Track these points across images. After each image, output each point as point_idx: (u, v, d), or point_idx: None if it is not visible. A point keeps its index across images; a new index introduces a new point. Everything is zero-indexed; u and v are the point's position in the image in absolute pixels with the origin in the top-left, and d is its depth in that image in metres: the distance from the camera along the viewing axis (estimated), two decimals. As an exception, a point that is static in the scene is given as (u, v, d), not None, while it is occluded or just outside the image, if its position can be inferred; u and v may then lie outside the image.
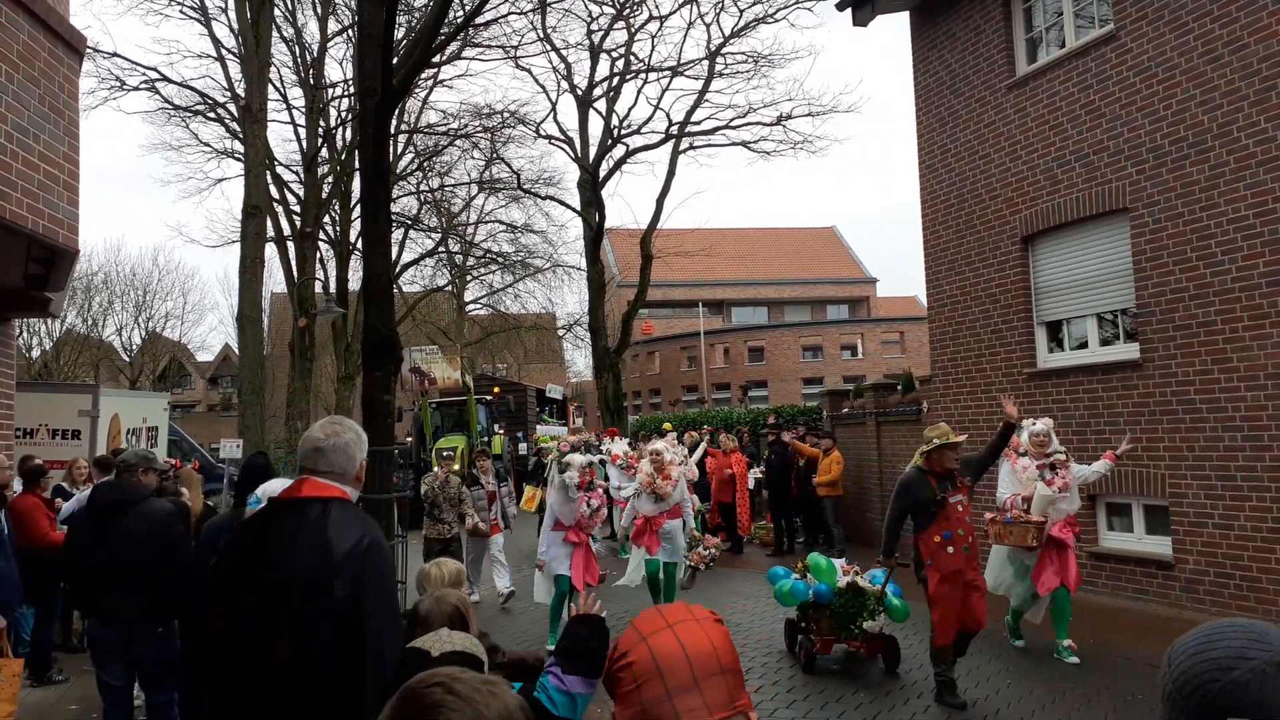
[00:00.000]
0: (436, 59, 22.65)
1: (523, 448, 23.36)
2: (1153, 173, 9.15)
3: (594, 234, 26.55)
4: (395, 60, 8.99)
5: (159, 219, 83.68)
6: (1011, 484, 7.74)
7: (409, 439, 22.70)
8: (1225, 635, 1.27)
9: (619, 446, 13.63)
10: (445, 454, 21.49)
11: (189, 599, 5.26)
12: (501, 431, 23.30)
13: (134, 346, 44.73)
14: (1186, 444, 8.83)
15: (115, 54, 25.44)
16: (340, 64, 30.07)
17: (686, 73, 26.15)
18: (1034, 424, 7.82)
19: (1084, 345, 10.31)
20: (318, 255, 27.87)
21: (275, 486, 4.00)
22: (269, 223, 24.97)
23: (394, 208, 25.21)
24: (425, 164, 29.93)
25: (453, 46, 23.67)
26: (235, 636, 2.48)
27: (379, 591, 2.51)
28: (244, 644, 2.45)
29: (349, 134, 26.25)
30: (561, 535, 8.32)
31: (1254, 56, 8.19)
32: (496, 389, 26.05)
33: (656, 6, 34.04)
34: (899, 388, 13.79)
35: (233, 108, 25.51)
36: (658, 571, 8.74)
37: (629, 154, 27.12)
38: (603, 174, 26.61)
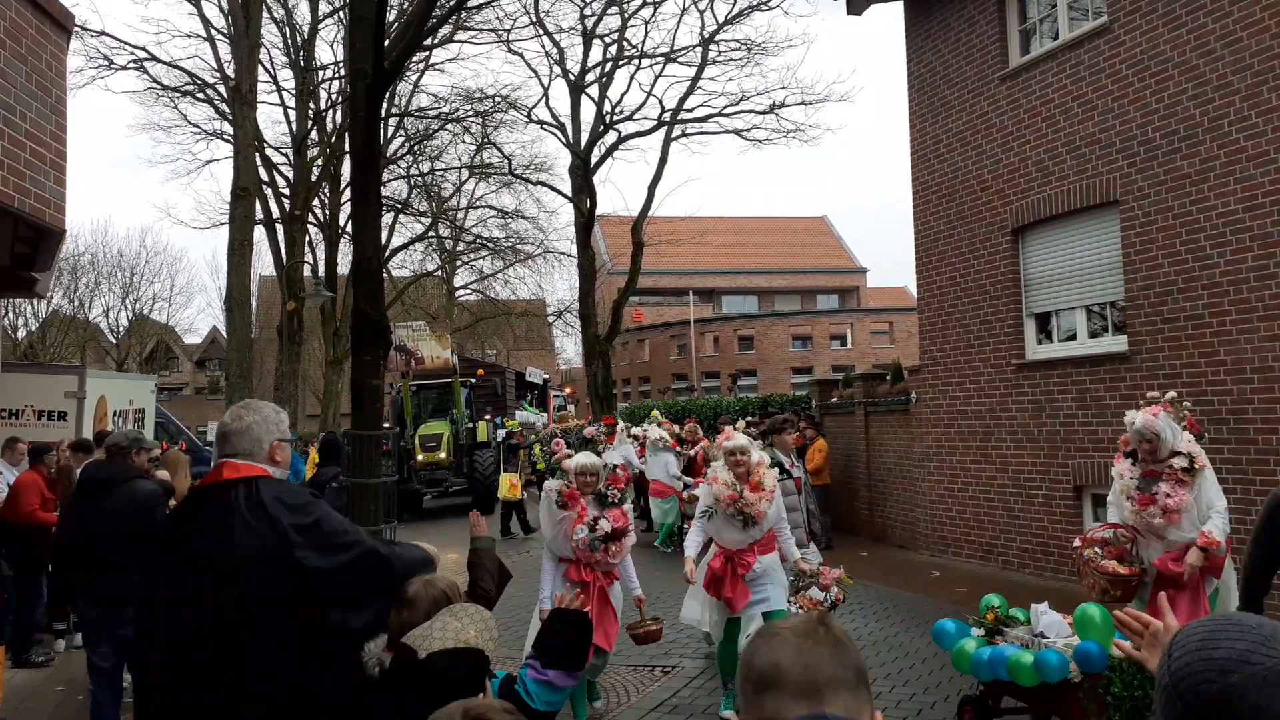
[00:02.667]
0: (428, 41, 22.52)
1: (500, 434, 22.09)
2: (1143, 166, 9.17)
3: (585, 220, 26.48)
4: (387, 43, 8.93)
5: (147, 200, 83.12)
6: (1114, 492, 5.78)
7: (385, 425, 21.60)
8: (1230, 635, 1.22)
9: (656, 432, 13.49)
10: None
11: None
12: (488, 417, 22.53)
13: (121, 328, 44.52)
14: (1172, 436, 8.87)
15: (103, 32, 25.29)
16: (331, 46, 29.94)
17: (680, 59, 26.09)
18: (1134, 420, 5.57)
19: (1072, 337, 10.35)
20: (307, 238, 27.74)
21: None
22: (258, 205, 24.79)
23: (384, 191, 25.06)
24: (416, 148, 29.79)
25: (445, 29, 23.57)
26: (176, 620, 2.55)
27: (344, 530, 2.66)
28: (186, 627, 2.52)
29: (339, 116, 26.13)
30: (560, 572, 5.83)
31: (1246, 50, 8.21)
32: (480, 371, 24.96)
33: (650, -8, 33.88)
34: (888, 378, 13.82)
35: (222, 89, 25.34)
36: (739, 635, 5.92)
37: (621, 140, 27.06)
38: (594, 160, 26.53)
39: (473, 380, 23.23)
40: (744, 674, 1.44)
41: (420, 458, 19.84)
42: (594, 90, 26.83)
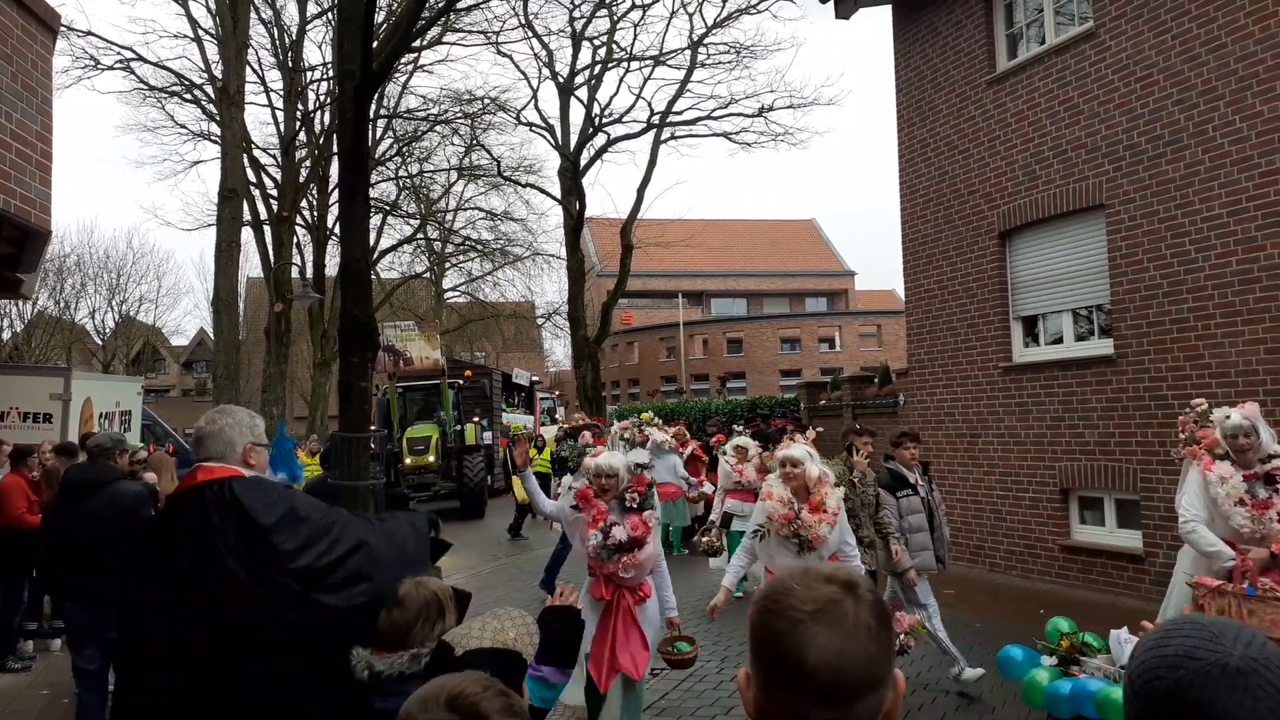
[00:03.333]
0: (417, 43, 22.49)
1: (486, 436, 21.63)
2: (1129, 170, 9.23)
3: (574, 223, 26.48)
4: (375, 44, 8.91)
5: (133, 201, 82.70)
6: (1201, 501, 5.07)
7: (371, 428, 20.64)
8: (1181, 633, 1.27)
9: (659, 435, 13.14)
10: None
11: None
12: (477, 419, 21.74)
13: (107, 330, 44.28)
14: (1158, 439, 8.93)
15: (90, 32, 25.11)
16: (319, 47, 29.80)
17: (669, 62, 26.13)
18: (1228, 414, 5.12)
19: (1059, 340, 10.41)
20: (294, 240, 27.64)
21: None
22: (245, 206, 24.70)
23: (372, 193, 25.00)
24: (404, 149, 29.76)
25: (434, 31, 23.53)
26: (171, 621, 2.56)
27: (320, 514, 2.66)
28: (181, 628, 2.54)
29: (327, 118, 26.05)
30: (588, 585, 5.22)
31: (1231, 56, 8.27)
32: (468, 372, 23.84)
33: (639, -5, 33.93)
34: (875, 380, 13.87)
35: (210, 89, 25.24)
36: None
37: (610, 143, 27.07)
38: (583, 162, 26.53)
39: (460, 382, 22.32)
40: (760, 647, 1.27)
41: (408, 461, 19.06)
42: (583, 93, 26.85)
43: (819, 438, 7.50)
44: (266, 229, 26.58)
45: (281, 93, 26.98)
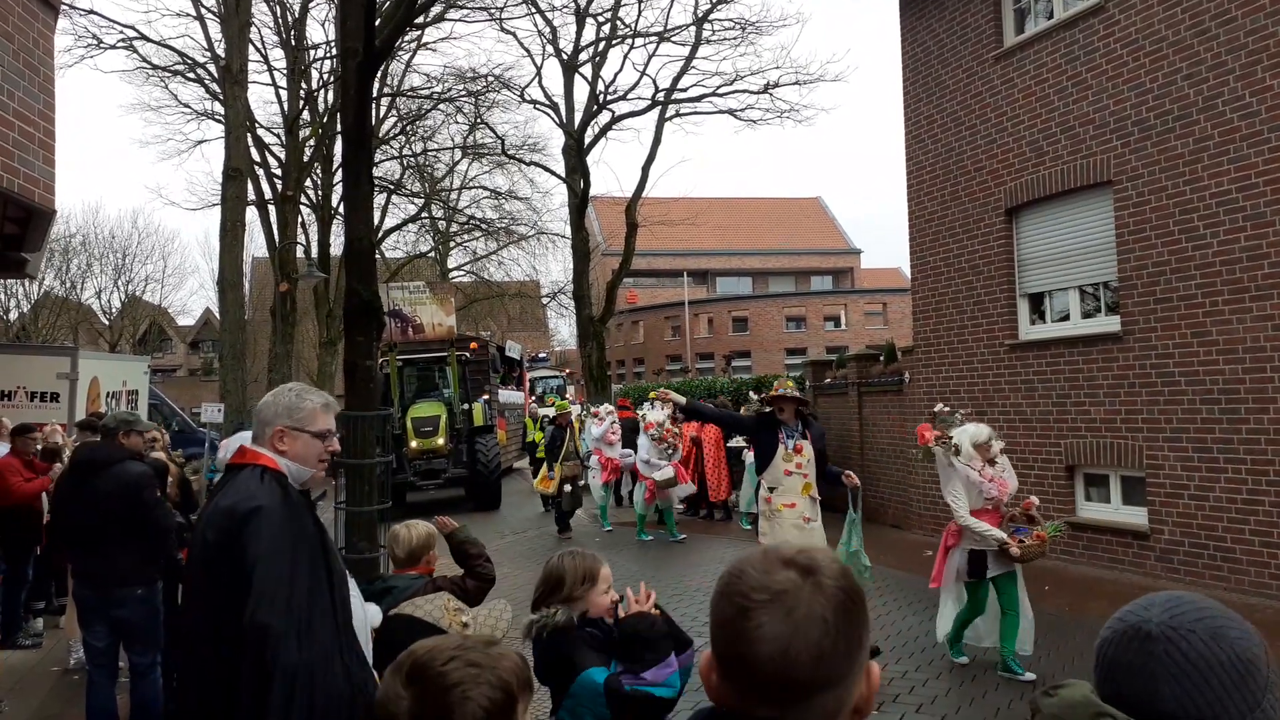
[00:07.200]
0: (420, 20, 22.36)
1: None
2: (1137, 146, 9.16)
3: (579, 201, 26.38)
4: (378, 20, 8.86)
5: (138, 181, 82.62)
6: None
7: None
8: (1138, 601, 1.37)
9: (656, 414, 12.56)
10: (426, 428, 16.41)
11: (164, 560, 5.32)
12: (486, 397, 19.73)
13: (113, 310, 44.41)
14: (1164, 416, 8.91)
15: (92, 11, 25.14)
16: (322, 25, 29.58)
17: (673, 39, 25.89)
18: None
19: (1065, 318, 10.37)
20: (299, 219, 27.63)
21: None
22: (250, 186, 24.70)
23: (376, 172, 24.97)
24: (408, 128, 29.60)
25: (436, 7, 23.35)
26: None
27: (256, 550, 2.38)
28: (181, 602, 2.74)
29: (331, 96, 25.94)
30: None
31: (1241, 30, 8.19)
32: (474, 344, 21.27)
33: (644, -29, 33.71)
34: (881, 358, 13.84)
35: (213, 68, 25.17)
36: None
37: (615, 120, 26.89)
38: (588, 140, 26.39)
39: (466, 355, 19.63)
40: (713, 632, 1.18)
41: (414, 444, 16.79)
42: (587, 70, 26.66)
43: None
44: (271, 208, 26.58)
45: (285, 71, 26.89)
